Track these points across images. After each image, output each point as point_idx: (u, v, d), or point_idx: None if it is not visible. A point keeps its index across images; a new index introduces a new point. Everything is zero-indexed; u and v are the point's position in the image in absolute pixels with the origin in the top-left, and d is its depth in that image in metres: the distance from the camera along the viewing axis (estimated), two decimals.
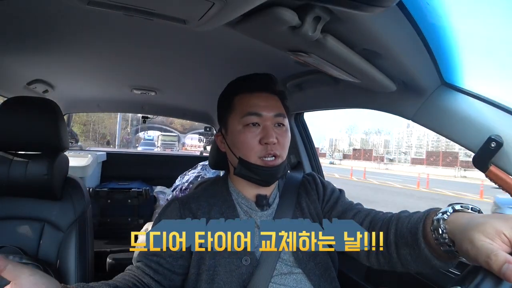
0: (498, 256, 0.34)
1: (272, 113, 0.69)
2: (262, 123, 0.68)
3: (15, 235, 0.88)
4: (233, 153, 0.71)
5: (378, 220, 0.63)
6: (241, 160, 0.69)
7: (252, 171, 0.68)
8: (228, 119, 0.72)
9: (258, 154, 0.67)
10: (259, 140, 0.67)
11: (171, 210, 0.72)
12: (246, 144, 0.68)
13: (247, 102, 0.70)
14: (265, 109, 0.69)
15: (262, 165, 0.67)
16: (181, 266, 0.69)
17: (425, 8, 0.52)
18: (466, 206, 0.47)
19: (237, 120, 0.69)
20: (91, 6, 0.48)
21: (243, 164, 0.69)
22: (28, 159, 0.88)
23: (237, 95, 0.72)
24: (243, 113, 0.69)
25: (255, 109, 0.68)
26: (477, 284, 0.35)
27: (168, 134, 23.96)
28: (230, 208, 0.72)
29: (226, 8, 0.45)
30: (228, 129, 0.72)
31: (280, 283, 0.67)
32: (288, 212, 0.73)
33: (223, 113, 0.74)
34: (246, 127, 0.68)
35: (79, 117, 22.12)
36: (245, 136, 0.68)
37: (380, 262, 0.61)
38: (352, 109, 1.34)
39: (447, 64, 0.66)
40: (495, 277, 0.35)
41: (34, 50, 0.96)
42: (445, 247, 0.46)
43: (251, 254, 0.68)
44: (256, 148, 0.67)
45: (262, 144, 0.67)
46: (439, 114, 0.70)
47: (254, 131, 0.68)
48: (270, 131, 0.67)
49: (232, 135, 0.71)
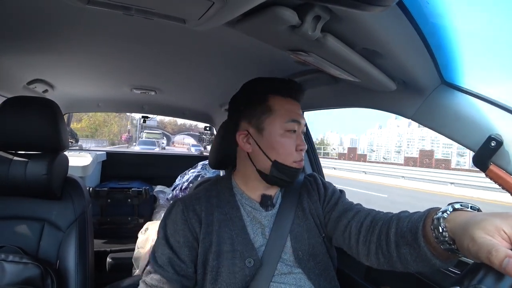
0: (499, 251, 0.35)
1: (304, 123, 0.73)
2: (297, 131, 0.71)
3: (15, 235, 0.87)
4: (266, 155, 0.70)
5: (379, 220, 0.63)
6: (276, 162, 0.69)
7: (285, 173, 0.70)
8: (264, 120, 0.70)
9: (294, 159, 0.70)
10: (296, 147, 0.70)
11: (175, 212, 0.72)
12: (287, 149, 0.70)
13: (286, 107, 0.71)
14: (301, 118, 0.73)
15: (297, 167, 0.71)
16: (192, 269, 0.69)
17: (425, 7, 0.52)
18: (465, 204, 0.48)
19: (279, 124, 0.70)
20: (91, 5, 0.48)
21: (278, 167, 0.69)
22: (27, 158, 0.88)
23: (272, 96, 0.71)
24: (287, 118, 0.70)
25: (296, 117, 0.71)
26: (480, 280, 0.35)
27: (152, 132, 26.38)
28: (234, 209, 0.72)
29: (225, 8, 0.45)
30: (265, 130, 0.70)
31: (281, 282, 0.67)
32: (290, 212, 0.73)
33: (254, 111, 0.71)
34: (287, 132, 0.70)
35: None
36: (287, 141, 0.70)
37: (380, 262, 0.61)
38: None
39: (447, 63, 0.66)
40: (496, 273, 0.35)
41: (34, 49, 0.96)
42: (445, 246, 0.46)
43: (255, 255, 0.68)
44: (293, 154, 0.70)
45: (297, 150, 0.70)
46: (439, 113, 0.70)
47: (293, 137, 0.71)
48: (303, 140, 0.73)
49: (271, 137, 0.70)
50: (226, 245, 0.68)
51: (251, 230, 0.71)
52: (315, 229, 0.73)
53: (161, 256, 0.69)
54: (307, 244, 0.71)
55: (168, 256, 0.68)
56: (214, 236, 0.69)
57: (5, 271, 0.78)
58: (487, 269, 0.36)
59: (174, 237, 0.70)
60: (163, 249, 0.69)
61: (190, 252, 0.69)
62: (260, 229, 0.71)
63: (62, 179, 0.95)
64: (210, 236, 0.69)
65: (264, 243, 0.69)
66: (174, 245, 0.69)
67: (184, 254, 0.69)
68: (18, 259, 0.80)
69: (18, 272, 0.79)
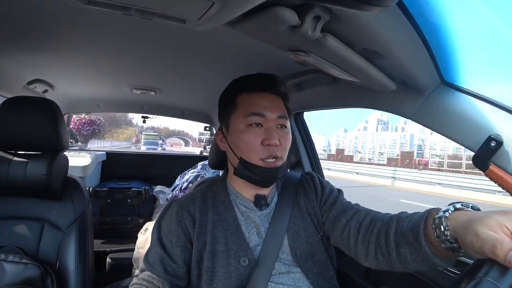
0: (504, 245, 0.36)
1: (276, 115, 0.69)
2: (265, 124, 0.68)
3: (15, 235, 0.87)
4: (233, 153, 0.70)
5: (378, 220, 0.63)
6: (242, 160, 0.69)
7: (252, 171, 0.68)
8: (230, 118, 0.71)
9: (260, 155, 0.67)
10: (261, 141, 0.67)
11: (170, 213, 0.73)
12: (248, 145, 0.67)
13: (250, 101, 0.69)
14: (268, 110, 0.68)
15: (264, 166, 0.67)
16: (184, 269, 0.69)
17: (425, 7, 0.52)
18: (466, 204, 0.49)
19: (240, 120, 0.69)
20: (91, 5, 0.48)
21: (244, 165, 0.69)
22: (27, 159, 0.88)
23: (241, 94, 0.71)
24: (247, 112, 0.68)
25: (259, 110, 0.68)
26: (485, 273, 0.36)
27: (150, 134, 30.70)
28: (228, 209, 0.72)
29: (225, 8, 0.45)
30: (230, 128, 0.71)
31: (279, 282, 0.67)
32: (286, 211, 0.73)
33: (225, 111, 0.73)
34: (249, 127, 0.68)
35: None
36: (247, 136, 0.67)
37: (378, 262, 0.61)
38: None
39: (447, 63, 0.66)
40: (500, 267, 0.36)
41: (34, 49, 0.96)
42: (446, 244, 0.47)
43: (250, 254, 0.68)
44: (258, 149, 0.67)
45: (264, 145, 0.67)
46: (439, 113, 0.70)
47: (257, 131, 0.67)
48: (273, 133, 0.67)
49: (234, 134, 0.70)
50: (220, 245, 0.68)
51: (246, 230, 0.70)
52: (312, 227, 0.73)
53: (153, 255, 0.69)
54: (305, 242, 0.70)
55: (160, 256, 0.68)
56: (208, 236, 0.69)
57: (5, 271, 0.78)
58: (491, 263, 0.37)
59: (167, 237, 0.70)
60: (156, 249, 0.69)
61: (183, 252, 0.69)
62: (255, 228, 0.71)
63: (62, 179, 0.95)
64: (204, 237, 0.69)
65: (260, 243, 0.69)
66: (167, 245, 0.69)
67: (177, 254, 0.69)
68: (18, 259, 0.80)
69: (18, 272, 0.79)
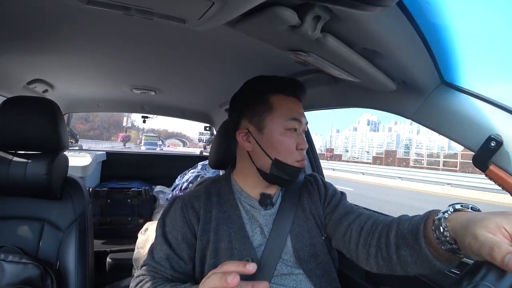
0: (501, 248, 0.35)
1: (305, 122, 0.73)
2: (298, 130, 0.71)
3: (15, 235, 0.87)
4: (266, 154, 0.70)
5: (379, 223, 0.63)
6: (277, 161, 0.69)
7: (285, 172, 0.70)
8: (265, 118, 0.70)
9: (295, 158, 0.70)
10: (296, 145, 0.70)
11: (174, 209, 0.72)
12: (287, 148, 0.69)
13: (287, 106, 0.71)
14: (302, 117, 0.72)
15: (298, 167, 0.70)
16: (190, 266, 0.69)
17: (425, 7, 0.52)
18: (466, 205, 0.48)
19: (280, 122, 0.69)
20: (91, 5, 0.48)
21: (278, 165, 0.69)
22: (27, 159, 0.88)
23: (274, 95, 0.71)
24: (288, 116, 0.70)
25: (297, 116, 0.71)
26: (482, 277, 0.35)
27: (149, 135, 32.09)
28: (233, 207, 0.72)
29: (225, 8, 0.45)
30: (265, 128, 0.70)
31: (280, 283, 0.67)
32: (290, 212, 0.73)
33: (254, 110, 0.71)
34: (288, 131, 0.70)
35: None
36: (287, 140, 0.70)
37: (379, 265, 0.61)
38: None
39: (447, 63, 0.66)
40: (498, 270, 0.35)
41: (34, 49, 0.96)
42: (446, 246, 0.46)
43: (253, 254, 0.67)
44: (294, 153, 0.70)
45: (298, 149, 0.70)
46: (439, 113, 0.69)
47: (293, 136, 0.70)
48: (304, 139, 0.72)
49: (271, 135, 0.70)
50: (224, 243, 0.68)
51: (250, 229, 0.70)
52: (316, 229, 0.73)
53: (159, 252, 0.69)
54: (308, 244, 0.70)
55: (166, 253, 0.68)
56: (211, 233, 0.69)
57: (5, 271, 0.78)
58: (489, 267, 0.36)
59: (172, 234, 0.70)
60: (161, 246, 0.69)
61: (189, 249, 0.69)
62: (259, 228, 0.71)
63: (62, 179, 0.95)
64: (207, 234, 0.69)
65: (263, 243, 0.69)
66: (173, 241, 0.69)
67: (183, 251, 0.68)
68: (18, 259, 0.80)
69: (18, 272, 0.79)
